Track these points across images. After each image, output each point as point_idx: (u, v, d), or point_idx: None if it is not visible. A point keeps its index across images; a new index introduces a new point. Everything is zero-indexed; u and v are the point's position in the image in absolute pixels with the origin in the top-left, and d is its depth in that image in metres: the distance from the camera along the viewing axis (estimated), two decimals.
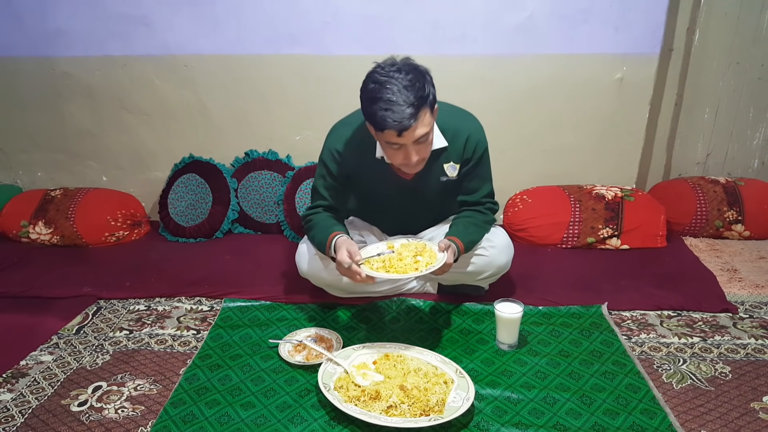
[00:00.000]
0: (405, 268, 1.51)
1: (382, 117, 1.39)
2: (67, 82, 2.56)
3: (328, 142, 1.70)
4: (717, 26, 2.42)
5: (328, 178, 1.71)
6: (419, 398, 1.32)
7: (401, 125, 1.39)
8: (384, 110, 1.39)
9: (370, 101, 1.42)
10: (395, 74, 1.40)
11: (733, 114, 2.57)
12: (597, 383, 1.45)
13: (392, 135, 1.43)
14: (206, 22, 2.41)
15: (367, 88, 1.44)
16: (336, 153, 1.67)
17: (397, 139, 1.43)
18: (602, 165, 2.55)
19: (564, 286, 1.96)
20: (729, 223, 2.37)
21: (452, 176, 1.70)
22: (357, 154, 1.66)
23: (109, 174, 2.74)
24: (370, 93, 1.42)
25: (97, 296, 1.98)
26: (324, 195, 1.72)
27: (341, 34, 2.39)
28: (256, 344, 1.66)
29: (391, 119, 1.38)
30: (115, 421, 1.35)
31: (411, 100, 1.39)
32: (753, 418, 1.33)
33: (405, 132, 1.41)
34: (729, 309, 1.81)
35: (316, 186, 1.74)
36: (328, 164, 1.69)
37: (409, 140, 1.45)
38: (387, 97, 1.39)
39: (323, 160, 1.70)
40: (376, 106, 1.40)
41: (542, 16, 2.32)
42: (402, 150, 1.48)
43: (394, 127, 1.40)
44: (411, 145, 1.47)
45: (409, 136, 1.43)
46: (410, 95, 1.39)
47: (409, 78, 1.40)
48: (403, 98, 1.38)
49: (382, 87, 1.40)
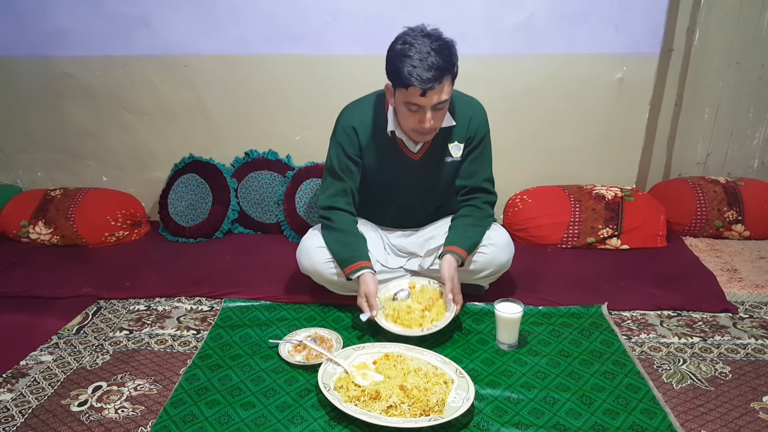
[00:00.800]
0: (410, 322, 1.62)
1: (409, 72, 1.44)
2: (67, 82, 2.56)
3: (342, 120, 1.74)
4: (717, 26, 2.42)
5: (342, 156, 1.72)
6: (419, 398, 1.32)
7: (426, 84, 1.44)
8: (412, 67, 1.44)
9: (397, 58, 1.48)
10: (424, 38, 1.46)
11: (733, 114, 2.57)
12: (597, 383, 1.45)
13: (415, 94, 1.47)
14: (206, 22, 2.41)
15: (395, 47, 1.50)
16: (350, 129, 1.70)
17: (419, 99, 1.48)
18: (602, 165, 2.55)
19: (564, 286, 1.96)
20: (729, 223, 2.37)
21: (456, 157, 1.74)
22: (368, 131, 1.70)
23: (109, 174, 2.74)
24: (399, 51, 1.48)
25: (97, 296, 1.98)
26: (340, 176, 1.73)
27: (341, 34, 2.39)
28: (256, 344, 1.66)
29: (418, 76, 1.43)
30: (115, 421, 1.35)
31: (439, 63, 1.44)
32: (753, 418, 1.33)
33: (429, 92, 1.46)
34: (729, 309, 1.81)
35: (331, 167, 1.75)
36: (343, 142, 1.71)
37: (429, 103, 1.49)
38: (416, 56, 1.44)
39: (337, 139, 1.73)
40: (402, 63, 1.45)
41: (542, 16, 2.32)
42: (418, 113, 1.53)
43: (419, 85, 1.44)
44: (429, 109, 1.51)
45: (430, 99, 1.48)
46: (438, 59, 1.45)
47: (438, 44, 1.46)
48: (432, 59, 1.44)
49: (411, 47, 1.45)
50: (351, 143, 1.71)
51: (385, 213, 1.91)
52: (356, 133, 1.70)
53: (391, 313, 1.66)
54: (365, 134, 1.71)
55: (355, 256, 1.70)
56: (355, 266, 1.68)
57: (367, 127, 1.70)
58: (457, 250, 1.67)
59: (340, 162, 1.73)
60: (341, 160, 1.72)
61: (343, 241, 1.73)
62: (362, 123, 1.70)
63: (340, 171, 1.73)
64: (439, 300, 1.67)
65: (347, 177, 1.74)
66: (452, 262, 1.65)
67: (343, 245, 1.73)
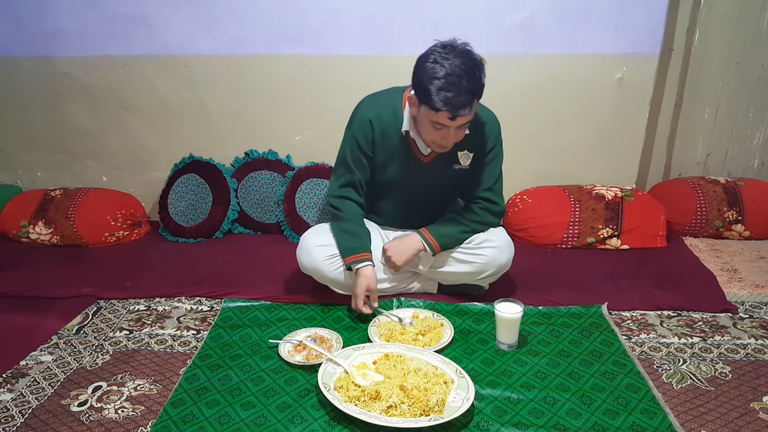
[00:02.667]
0: (402, 341, 1.62)
1: (442, 98, 1.43)
2: (67, 82, 2.56)
3: (359, 113, 1.73)
4: (717, 26, 2.42)
5: (356, 149, 1.73)
6: (419, 398, 1.32)
7: (457, 111, 1.44)
8: (443, 90, 1.43)
9: (427, 77, 1.46)
10: (455, 59, 1.44)
11: (733, 114, 2.57)
12: (597, 383, 1.45)
13: (444, 117, 1.47)
14: (206, 22, 2.41)
15: (425, 65, 1.48)
16: (366, 123, 1.70)
17: (447, 122, 1.49)
18: (602, 165, 2.55)
19: (564, 286, 1.96)
20: (729, 223, 2.37)
21: (464, 165, 1.75)
22: (384, 127, 1.71)
23: (109, 174, 2.74)
24: (429, 71, 1.46)
25: (97, 296, 1.98)
26: (352, 168, 1.74)
27: (341, 34, 2.39)
28: (256, 344, 1.66)
29: (449, 103, 1.43)
30: (115, 421, 1.35)
31: (470, 88, 1.44)
32: (753, 418, 1.33)
33: (458, 117, 1.46)
34: (729, 309, 1.81)
35: (343, 158, 1.76)
36: (358, 135, 1.72)
37: (456, 125, 1.50)
38: (448, 79, 1.43)
39: (352, 131, 1.73)
40: (434, 86, 1.44)
41: (542, 16, 2.32)
42: (443, 131, 1.53)
43: (450, 111, 1.44)
44: (454, 129, 1.52)
45: (458, 122, 1.49)
46: (470, 83, 1.44)
47: (470, 65, 1.45)
48: (464, 84, 1.43)
49: (442, 68, 1.44)
50: (365, 137, 1.72)
51: (386, 211, 1.91)
52: (372, 127, 1.71)
53: (385, 332, 1.66)
54: (380, 129, 1.71)
55: (359, 247, 1.72)
56: (358, 257, 1.70)
57: (382, 122, 1.71)
58: (424, 232, 1.77)
59: (353, 154, 1.73)
60: (354, 153, 1.73)
61: (350, 231, 1.75)
62: (379, 118, 1.70)
63: (352, 163, 1.74)
64: (438, 329, 1.67)
65: (359, 169, 1.75)
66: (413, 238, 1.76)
67: (349, 235, 1.75)
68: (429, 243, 1.76)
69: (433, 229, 1.79)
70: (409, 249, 1.77)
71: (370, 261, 1.71)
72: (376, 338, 1.63)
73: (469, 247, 1.79)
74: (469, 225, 1.79)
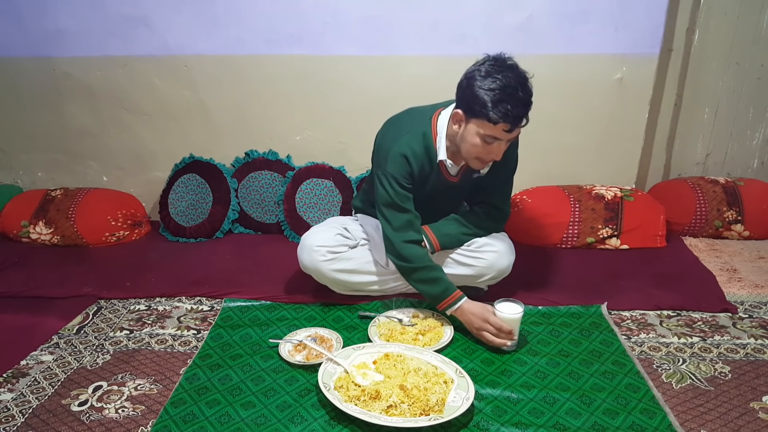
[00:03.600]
0: (402, 341, 1.62)
1: (502, 110, 1.42)
2: (67, 82, 2.56)
3: (394, 150, 1.63)
4: (717, 26, 2.43)
5: (398, 188, 1.64)
6: (419, 398, 1.32)
7: (516, 122, 1.44)
8: (503, 102, 1.41)
9: (482, 90, 1.43)
10: (508, 72, 1.43)
11: (732, 114, 2.58)
12: (597, 383, 1.45)
13: (501, 129, 1.46)
14: (206, 22, 2.41)
15: (476, 77, 1.45)
16: (402, 159, 1.63)
17: (504, 134, 1.47)
18: (602, 165, 2.55)
19: (564, 286, 1.96)
20: (728, 223, 2.37)
21: (483, 173, 1.74)
22: (418, 160, 1.66)
23: (109, 174, 2.74)
24: (484, 84, 1.43)
25: (98, 296, 1.99)
26: (401, 206, 1.66)
27: (341, 35, 2.39)
28: (256, 344, 1.66)
29: (509, 114, 1.42)
30: (116, 421, 1.35)
31: (526, 99, 1.44)
32: (752, 417, 1.33)
33: (516, 128, 1.46)
34: (728, 309, 1.81)
35: (390, 200, 1.65)
36: (396, 173, 1.63)
37: (510, 138, 1.50)
38: (506, 91, 1.42)
39: (389, 171, 1.63)
40: (490, 98, 1.42)
41: (542, 16, 2.32)
42: (493, 145, 1.51)
43: (509, 123, 1.43)
44: (505, 142, 1.51)
45: (513, 134, 1.48)
46: (525, 94, 1.44)
47: (522, 77, 1.45)
48: (521, 96, 1.43)
49: (497, 80, 1.42)
50: (404, 173, 1.64)
51: None
52: (408, 163, 1.64)
53: (385, 332, 1.66)
54: (416, 163, 1.65)
55: (445, 290, 1.64)
56: (450, 299, 1.63)
57: (417, 155, 1.65)
58: (426, 229, 1.76)
59: (397, 193, 1.65)
60: (398, 192, 1.65)
61: (428, 278, 1.66)
62: (413, 152, 1.64)
63: (400, 202, 1.65)
64: (438, 329, 1.68)
65: (408, 206, 1.67)
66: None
67: (430, 282, 1.66)
68: (430, 240, 1.76)
69: (436, 228, 1.79)
70: None
71: (463, 296, 1.63)
72: (376, 338, 1.64)
73: (469, 249, 1.80)
74: (471, 228, 1.79)
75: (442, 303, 1.65)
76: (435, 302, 1.67)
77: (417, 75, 2.40)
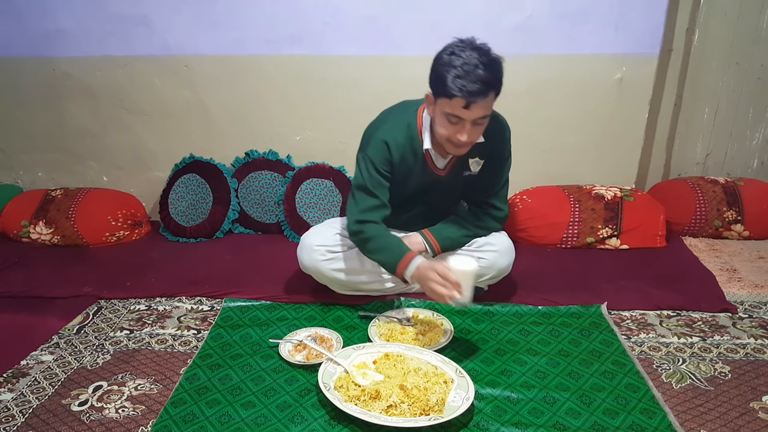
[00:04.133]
0: (402, 341, 1.63)
1: (455, 83, 1.42)
2: (67, 82, 2.56)
3: (376, 135, 1.66)
4: (716, 26, 2.43)
5: (374, 173, 1.66)
6: (419, 398, 1.32)
7: (471, 97, 1.43)
8: (459, 77, 1.42)
9: (443, 67, 1.45)
10: (473, 51, 1.44)
11: (732, 114, 2.58)
12: (596, 383, 1.45)
13: (458, 105, 1.45)
14: (206, 22, 2.41)
15: (442, 56, 1.47)
16: (382, 144, 1.65)
17: (462, 111, 1.46)
18: (602, 165, 2.55)
19: (564, 286, 1.96)
20: (728, 223, 2.37)
21: (474, 172, 1.74)
22: (400, 149, 1.67)
23: (109, 174, 2.74)
24: (446, 61, 1.45)
25: (98, 296, 1.99)
26: (372, 192, 1.66)
27: (341, 35, 2.39)
28: (256, 344, 1.66)
29: (464, 87, 1.42)
30: (116, 421, 1.35)
31: (486, 78, 1.43)
32: (752, 417, 1.33)
33: (473, 105, 1.45)
34: (728, 309, 1.81)
35: (362, 183, 1.66)
36: (374, 157, 1.65)
37: (470, 117, 1.48)
38: (465, 67, 1.42)
39: (368, 154, 1.65)
40: (450, 73, 1.43)
41: (542, 16, 2.32)
42: (458, 125, 1.51)
43: (464, 97, 1.43)
44: (469, 123, 1.50)
45: (473, 112, 1.47)
46: (486, 73, 1.43)
47: (487, 58, 1.45)
48: (480, 72, 1.42)
49: (459, 57, 1.44)
50: (382, 159, 1.65)
51: (399, 220, 1.90)
52: (388, 149, 1.65)
53: (385, 332, 1.66)
54: (397, 150, 1.66)
55: (399, 254, 1.60)
56: (405, 262, 1.58)
57: (399, 146, 1.66)
58: (427, 233, 1.77)
59: (372, 178, 1.65)
60: (373, 177, 1.65)
61: (382, 246, 1.64)
62: (395, 138, 1.65)
63: (372, 187, 1.65)
64: (438, 329, 1.67)
65: (380, 193, 1.67)
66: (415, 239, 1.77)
67: (384, 251, 1.64)
68: (431, 244, 1.77)
69: (436, 231, 1.78)
70: None
71: (417, 257, 1.59)
72: (376, 338, 1.64)
73: (469, 250, 1.80)
74: (471, 229, 1.79)
75: (399, 267, 1.59)
76: (393, 270, 1.62)
77: (417, 75, 2.36)
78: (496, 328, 1.72)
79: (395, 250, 1.62)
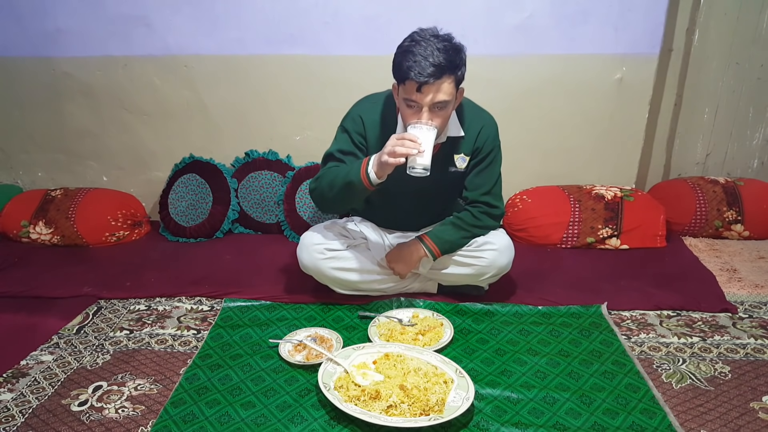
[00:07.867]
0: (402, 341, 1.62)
1: (407, 67, 1.45)
2: (67, 82, 2.56)
3: (353, 110, 1.74)
4: (716, 26, 2.43)
5: (344, 145, 1.70)
6: (419, 398, 1.32)
7: (421, 78, 1.44)
8: (413, 62, 1.45)
9: (400, 54, 1.49)
10: (432, 38, 1.47)
11: (732, 114, 2.58)
12: (596, 383, 1.45)
13: (412, 89, 1.47)
14: (206, 22, 2.41)
15: (402, 44, 1.51)
16: (357, 118, 1.70)
17: (415, 95, 1.48)
18: (602, 165, 2.55)
19: (564, 286, 1.96)
20: (728, 223, 2.37)
21: (461, 168, 1.74)
22: (377, 128, 1.70)
23: (109, 174, 2.74)
24: (405, 47, 1.49)
25: (98, 296, 1.98)
26: (341, 159, 1.69)
27: (341, 35, 2.39)
28: (256, 344, 1.66)
29: (414, 70, 1.44)
30: (116, 421, 1.35)
31: (439, 61, 1.44)
32: (752, 417, 1.33)
33: (424, 87, 1.46)
34: (728, 309, 1.81)
35: (331, 152, 1.70)
36: (350, 130, 1.70)
37: (425, 100, 1.48)
38: (418, 52, 1.45)
39: (344, 127, 1.72)
40: (403, 58, 1.47)
41: (542, 16, 2.32)
42: (415, 110, 1.52)
43: (415, 78, 1.44)
44: (426, 108, 1.50)
45: (425, 95, 1.47)
46: (439, 57, 1.44)
47: (443, 44, 1.46)
48: (432, 58, 1.44)
49: (416, 44, 1.46)
50: (357, 131, 1.70)
51: (386, 215, 1.91)
52: (363, 124, 1.69)
53: (385, 332, 1.66)
54: (373, 130, 1.70)
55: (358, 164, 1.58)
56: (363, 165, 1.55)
57: (375, 123, 1.69)
58: (425, 238, 1.76)
59: (341, 144, 1.70)
60: (343, 147, 1.69)
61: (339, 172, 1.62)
62: (372, 118, 1.70)
63: (339, 154, 1.69)
64: (438, 329, 1.67)
65: (347, 160, 1.68)
66: (414, 245, 1.77)
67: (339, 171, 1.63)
68: (430, 249, 1.76)
69: (434, 235, 1.77)
70: (411, 259, 1.78)
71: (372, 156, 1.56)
72: (376, 338, 1.64)
73: (469, 249, 1.80)
74: (469, 230, 1.78)
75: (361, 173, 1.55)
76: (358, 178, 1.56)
77: None
78: (496, 328, 1.72)
79: (349, 167, 1.60)
